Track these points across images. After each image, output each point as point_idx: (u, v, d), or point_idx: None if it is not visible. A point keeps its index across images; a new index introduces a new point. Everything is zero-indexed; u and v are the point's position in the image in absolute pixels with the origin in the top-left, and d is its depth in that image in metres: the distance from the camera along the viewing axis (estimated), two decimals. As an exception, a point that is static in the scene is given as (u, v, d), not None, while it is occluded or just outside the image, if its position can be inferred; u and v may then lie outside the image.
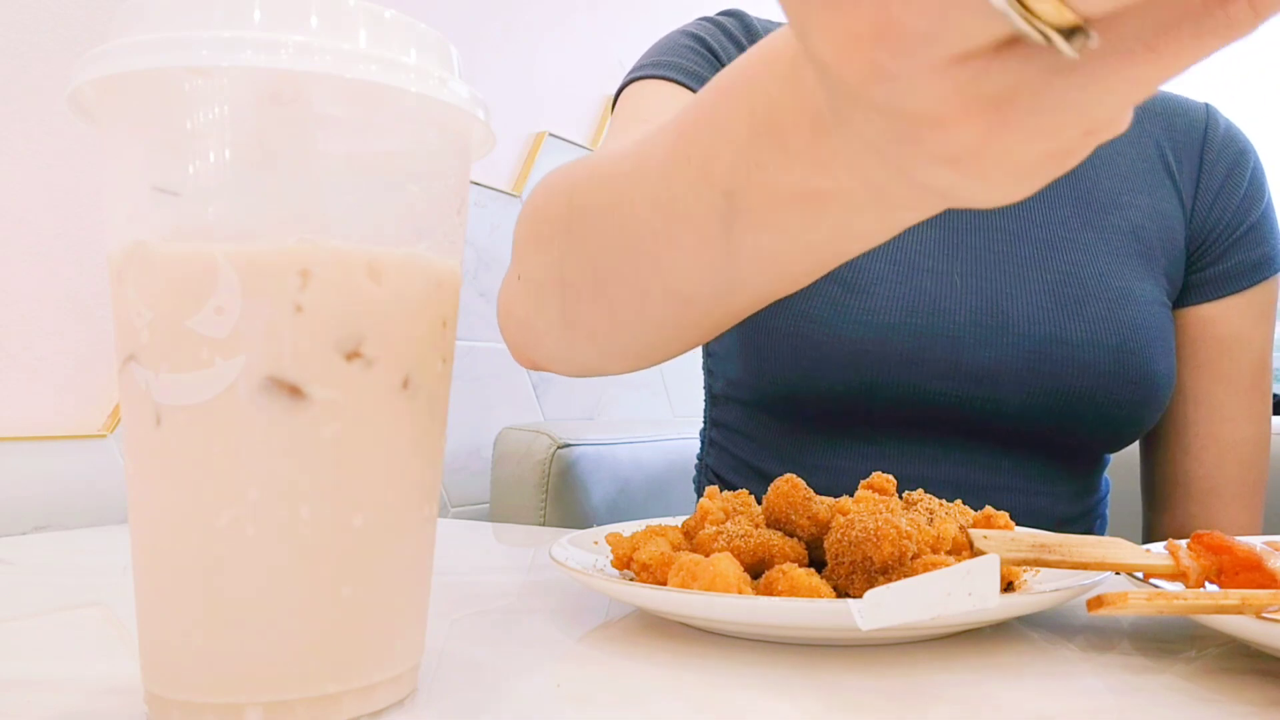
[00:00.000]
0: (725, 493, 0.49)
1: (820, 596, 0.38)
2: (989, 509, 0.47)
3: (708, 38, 0.74)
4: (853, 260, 0.60)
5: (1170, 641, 0.40)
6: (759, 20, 0.79)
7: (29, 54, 0.78)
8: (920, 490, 0.48)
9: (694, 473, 0.90)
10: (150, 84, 0.27)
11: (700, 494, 0.87)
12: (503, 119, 1.25)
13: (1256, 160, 0.80)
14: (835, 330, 0.68)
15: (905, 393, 0.69)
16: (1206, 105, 0.81)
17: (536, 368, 0.61)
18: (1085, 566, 0.38)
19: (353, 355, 0.28)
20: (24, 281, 0.78)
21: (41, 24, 0.79)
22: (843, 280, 0.70)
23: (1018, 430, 0.71)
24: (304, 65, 0.26)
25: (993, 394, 0.69)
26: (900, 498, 0.47)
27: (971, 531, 0.41)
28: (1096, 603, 0.34)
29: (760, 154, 0.33)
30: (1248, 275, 0.77)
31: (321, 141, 0.28)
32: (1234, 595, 0.34)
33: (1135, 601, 0.33)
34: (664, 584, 0.40)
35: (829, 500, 0.45)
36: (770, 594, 0.39)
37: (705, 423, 0.86)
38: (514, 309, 0.55)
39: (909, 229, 0.68)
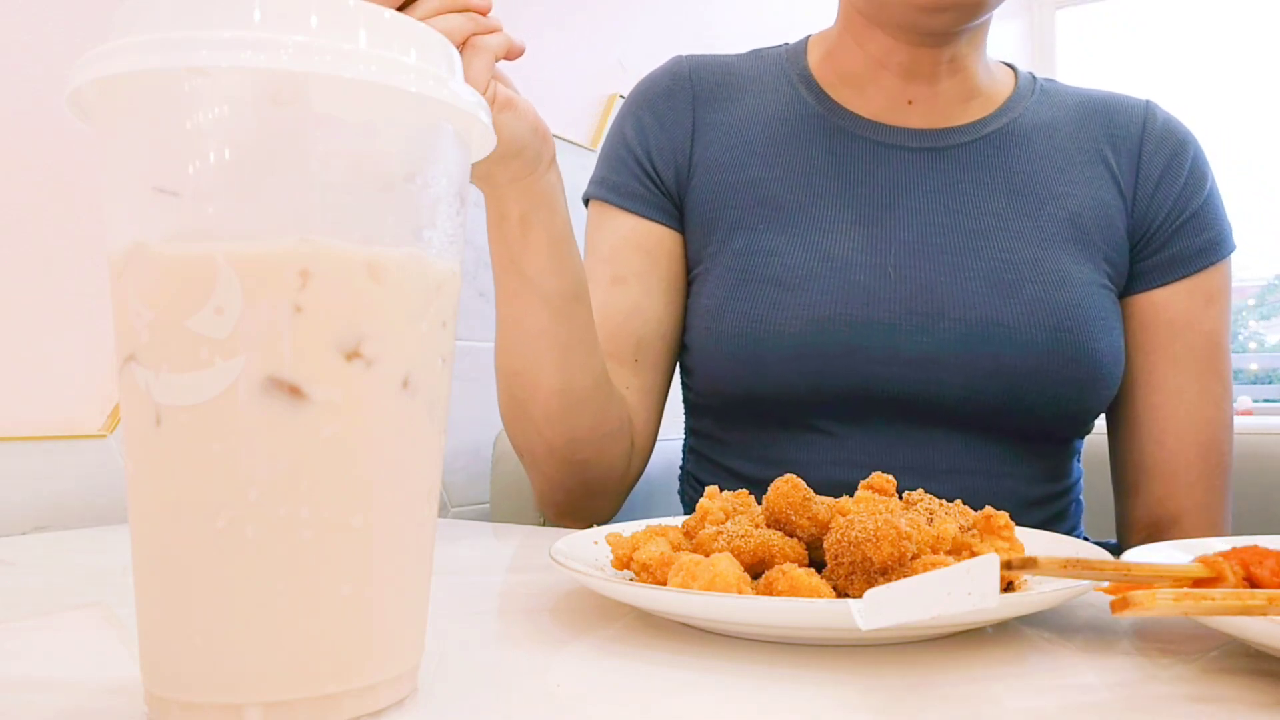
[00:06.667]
0: (725, 493, 0.49)
1: (820, 596, 0.38)
2: (989, 509, 0.47)
3: (634, 136, 0.82)
4: (787, 262, 0.74)
5: (1170, 641, 0.40)
6: (694, 62, 0.84)
7: (29, 54, 0.78)
8: (920, 490, 0.48)
9: (679, 484, 0.90)
10: (150, 84, 0.27)
11: (685, 504, 0.88)
12: (503, 119, 1.24)
13: (1197, 150, 0.81)
14: (774, 326, 0.71)
15: (850, 382, 0.71)
16: (1146, 102, 0.84)
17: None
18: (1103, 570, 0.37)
19: (353, 355, 0.28)
20: (24, 281, 0.78)
21: (41, 24, 0.79)
22: (779, 280, 0.73)
23: (967, 413, 0.72)
24: (304, 65, 0.26)
25: (935, 378, 0.71)
26: (900, 498, 0.47)
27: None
28: (1122, 603, 0.32)
29: (498, 233, 0.70)
30: (1193, 261, 0.78)
31: (321, 141, 0.28)
32: (1260, 595, 0.33)
33: (1163, 602, 0.31)
34: (664, 584, 0.40)
35: (829, 500, 0.45)
36: (770, 594, 0.39)
37: (685, 433, 0.88)
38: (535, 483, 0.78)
39: (839, 231, 0.75)
